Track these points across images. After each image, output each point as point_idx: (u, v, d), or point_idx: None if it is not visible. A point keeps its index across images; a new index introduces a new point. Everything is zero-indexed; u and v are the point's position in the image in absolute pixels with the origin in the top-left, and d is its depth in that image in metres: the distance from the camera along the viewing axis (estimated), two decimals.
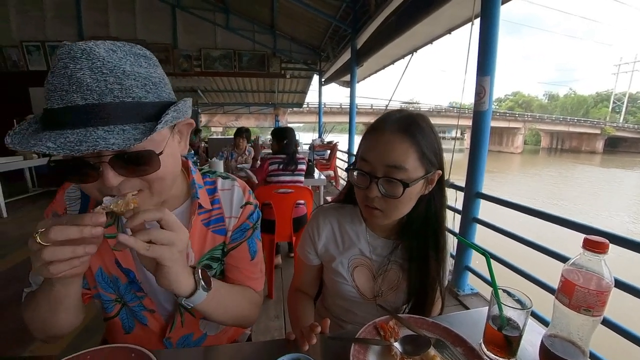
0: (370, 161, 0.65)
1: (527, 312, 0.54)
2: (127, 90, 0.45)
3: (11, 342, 1.69)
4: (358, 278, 0.77)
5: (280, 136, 2.43)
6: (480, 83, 1.96)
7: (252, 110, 16.20)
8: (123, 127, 0.45)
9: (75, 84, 0.42)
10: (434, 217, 0.73)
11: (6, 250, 3.10)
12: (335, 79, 8.34)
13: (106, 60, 0.44)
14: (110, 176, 0.46)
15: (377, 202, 0.65)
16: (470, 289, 2.31)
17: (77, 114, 0.43)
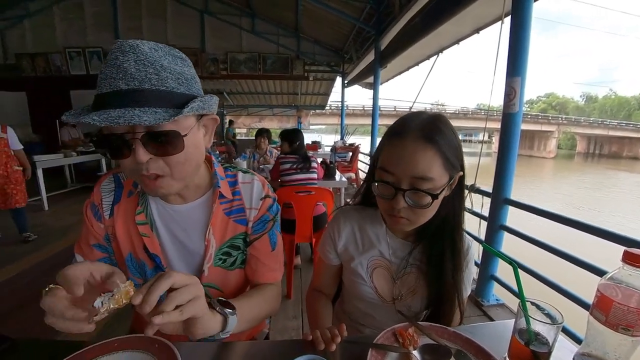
0: (394, 173, 0.62)
1: (558, 327, 0.50)
2: (162, 80, 0.53)
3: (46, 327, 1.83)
4: (377, 279, 0.77)
5: (291, 138, 2.50)
6: (510, 84, 1.87)
7: (275, 112, 16.45)
8: (156, 109, 0.52)
9: (121, 73, 0.51)
10: (451, 218, 0.71)
11: (47, 240, 3.35)
12: (358, 81, 8.29)
13: (148, 55, 0.52)
14: (140, 152, 0.53)
15: (403, 212, 0.64)
16: (495, 300, 2.21)
17: (120, 97, 0.51)
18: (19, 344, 0.61)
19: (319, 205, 2.26)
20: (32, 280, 2.51)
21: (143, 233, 0.69)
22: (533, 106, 71.63)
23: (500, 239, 2.12)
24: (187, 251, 0.73)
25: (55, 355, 0.55)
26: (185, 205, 0.72)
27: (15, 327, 1.90)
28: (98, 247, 0.72)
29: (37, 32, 6.91)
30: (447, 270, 0.71)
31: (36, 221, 3.98)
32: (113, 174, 0.74)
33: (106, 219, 0.71)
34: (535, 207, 1.89)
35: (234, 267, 0.77)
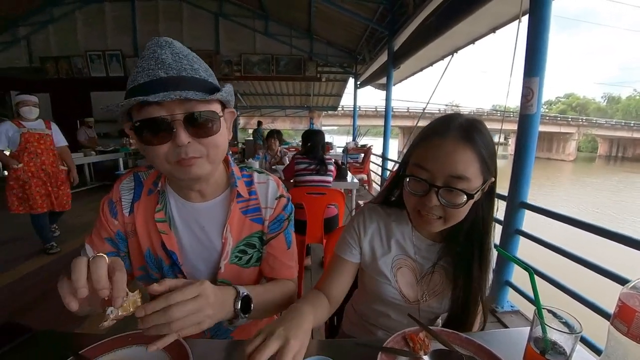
0: (430, 170, 0.61)
1: (576, 336, 0.48)
2: (196, 70, 0.59)
3: (67, 319, 1.89)
4: (401, 279, 0.75)
5: (308, 139, 2.49)
6: (528, 85, 1.82)
7: (288, 113, 16.60)
8: (195, 92, 0.56)
9: (160, 63, 0.55)
10: (480, 224, 0.69)
11: (67, 236, 3.48)
12: (371, 82, 8.26)
13: (182, 49, 0.59)
14: (182, 134, 0.56)
15: (435, 211, 0.63)
16: (510, 306, 2.15)
17: (159, 83, 0.54)
18: (39, 335, 0.64)
19: (331, 208, 2.25)
20: (52, 274, 2.60)
21: (161, 230, 0.71)
22: (552, 107, 69.36)
23: (516, 243, 2.06)
24: (204, 248, 0.75)
25: (73, 346, 0.57)
26: (204, 204, 0.74)
27: (36, 318, 1.98)
28: (109, 241, 0.74)
29: (61, 36, 7.20)
30: (474, 275, 0.69)
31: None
32: (133, 173, 0.77)
33: (125, 216, 0.74)
34: (553, 212, 1.83)
35: (249, 264, 0.79)
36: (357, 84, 8.89)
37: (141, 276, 0.79)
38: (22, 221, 3.98)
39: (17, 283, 2.48)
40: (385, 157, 6.25)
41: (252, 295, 0.64)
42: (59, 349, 0.57)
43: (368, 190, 6.29)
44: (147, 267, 0.76)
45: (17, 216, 4.23)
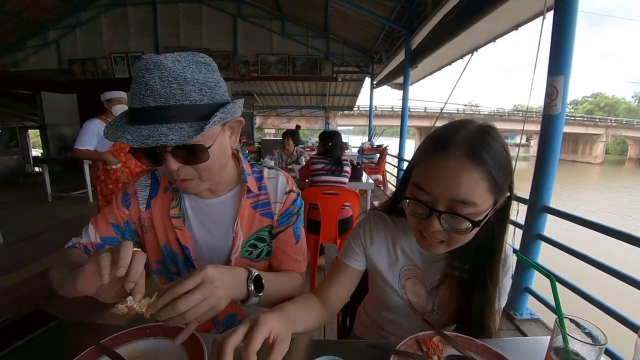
0: (431, 192, 0.55)
1: (600, 348, 0.46)
2: (186, 94, 0.57)
3: (88, 310, 1.98)
4: (410, 291, 0.73)
5: (326, 139, 2.48)
6: (552, 84, 1.75)
7: (304, 112, 16.67)
8: (181, 125, 0.56)
9: (149, 90, 0.55)
10: (490, 242, 0.64)
11: None
12: (388, 82, 8.17)
13: (172, 70, 0.56)
14: (171, 162, 0.60)
15: (437, 235, 0.57)
16: (529, 314, 2.07)
17: (148, 113, 0.56)
18: (64, 324, 0.68)
19: (346, 209, 2.25)
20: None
21: (176, 226, 0.75)
22: (578, 107, 66.16)
23: (537, 249, 1.99)
24: (216, 242, 0.78)
25: (95, 335, 0.60)
26: (215, 200, 0.77)
27: (61, 307, 2.08)
28: (115, 227, 0.77)
29: (87, 39, 7.51)
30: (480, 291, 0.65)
31: (82, 212, 4.34)
32: (151, 171, 0.80)
33: (142, 211, 0.78)
34: (578, 217, 1.75)
35: (259, 258, 0.81)
36: (373, 83, 8.82)
37: (158, 270, 0.82)
38: (52, 214, 4.22)
39: (45, 273, 2.61)
40: (401, 157, 6.16)
41: (264, 279, 0.66)
42: (81, 338, 0.60)
43: (383, 191, 6.23)
44: (164, 261, 0.80)
45: (47, 208, 4.47)
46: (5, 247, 3.11)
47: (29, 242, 3.24)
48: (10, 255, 2.93)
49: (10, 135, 7.52)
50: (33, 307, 0.71)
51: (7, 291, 2.31)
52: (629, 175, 22.90)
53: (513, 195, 0.60)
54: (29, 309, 0.71)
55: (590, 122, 31.47)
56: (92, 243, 0.75)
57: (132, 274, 0.47)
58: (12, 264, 2.72)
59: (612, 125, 32.10)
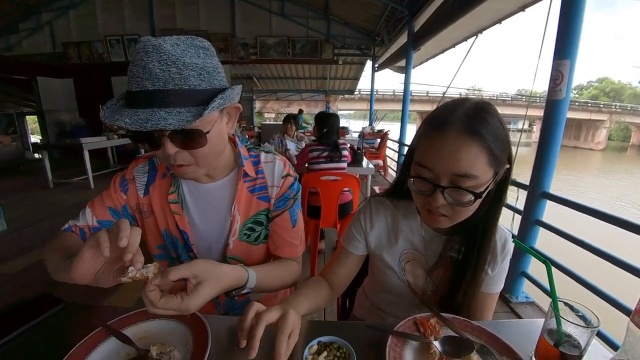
0: (433, 169, 0.57)
1: (592, 331, 0.48)
2: (185, 79, 0.56)
3: (94, 293, 2.03)
4: (409, 273, 0.75)
5: (321, 122, 2.36)
6: (557, 68, 1.71)
7: (304, 96, 16.45)
8: (180, 110, 0.56)
9: (147, 73, 0.54)
10: (489, 214, 0.66)
11: None
12: (389, 65, 8.00)
13: (170, 54, 0.55)
14: (168, 147, 0.60)
15: (442, 209, 0.59)
16: (525, 297, 2.12)
17: (147, 97, 0.55)
18: (70, 307, 0.69)
19: (345, 194, 2.25)
20: None
21: (175, 211, 0.76)
22: (582, 92, 64.94)
23: (535, 234, 2.01)
24: (214, 227, 0.79)
25: (101, 318, 0.62)
26: (212, 184, 0.78)
27: (67, 292, 2.13)
28: (112, 211, 0.77)
29: (81, 21, 7.30)
30: (479, 265, 0.67)
31: (83, 198, 4.37)
32: (149, 158, 0.81)
33: (140, 197, 0.78)
34: (578, 203, 1.75)
35: (257, 242, 0.82)
36: (374, 66, 8.64)
37: (159, 255, 0.84)
38: (54, 200, 4.24)
39: None
40: (402, 142, 6.12)
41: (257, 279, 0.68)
42: (88, 320, 0.62)
43: (383, 176, 6.22)
44: (165, 246, 0.81)
45: (48, 195, 4.49)
46: (9, 234, 3.15)
47: (33, 229, 3.27)
48: (15, 242, 2.98)
49: (8, 121, 7.43)
50: (39, 292, 0.72)
51: (13, 276, 2.35)
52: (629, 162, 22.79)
53: (512, 167, 0.61)
54: (35, 293, 0.72)
55: (594, 108, 30.87)
56: (89, 226, 0.75)
57: (131, 244, 0.48)
58: (17, 250, 2.76)
59: (617, 111, 31.56)
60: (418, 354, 0.56)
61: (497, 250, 0.69)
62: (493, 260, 0.70)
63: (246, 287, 0.65)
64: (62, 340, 0.57)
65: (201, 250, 0.80)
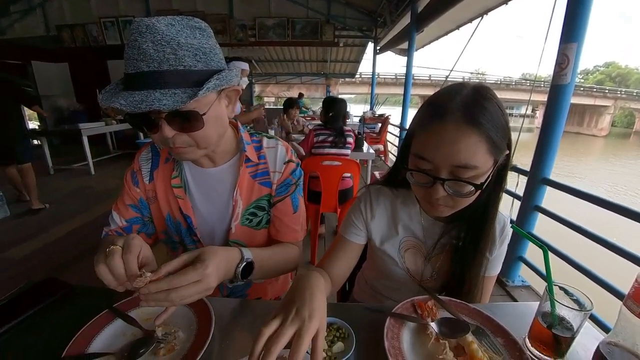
0: (432, 161, 0.55)
1: (585, 314, 0.49)
2: (180, 59, 0.55)
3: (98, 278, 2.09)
4: (409, 260, 0.76)
5: (328, 107, 2.37)
6: (564, 51, 1.67)
7: (304, 80, 16.18)
8: (175, 90, 0.55)
9: (142, 54, 0.54)
10: (490, 200, 0.66)
11: (94, 201, 3.69)
12: (391, 47, 7.82)
13: (165, 34, 0.54)
14: (165, 129, 0.59)
15: (442, 200, 0.58)
16: (521, 281, 2.16)
17: (142, 78, 0.55)
18: (77, 290, 0.71)
19: (346, 180, 2.25)
20: (85, 237, 2.82)
21: (178, 195, 0.76)
22: (588, 77, 63.57)
23: (534, 220, 2.02)
24: (216, 211, 0.79)
25: (106, 301, 0.63)
26: (215, 168, 0.78)
27: (72, 276, 2.18)
28: (133, 207, 0.80)
29: (74, 2, 7.06)
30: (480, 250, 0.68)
31: (84, 184, 4.39)
32: (151, 144, 0.80)
33: (146, 184, 0.79)
34: (578, 190, 1.75)
35: (260, 226, 0.83)
36: (376, 49, 8.45)
37: (164, 239, 0.85)
38: (55, 186, 4.26)
39: (54, 243, 2.70)
40: (403, 127, 6.07)
41: (257, 260, 0.67)
42: (94, 303, 0.63)
43: (384, 161, 6.21)
44: (168, 231, 0.82)
45: (49, 181, 4.51)
46: (12, 220, 3.18)
47: (36, 214, 3.30)
48: (19, 227, 3.01)
49: None
50: (45, 276, 0.74)
51: (18, 262, 2.39)
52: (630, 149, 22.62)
53: (512, 153, 0.60)
54: (41, 277, 0.73)
55: (599, 94, 30.26)
56: (120, 227, 0.79)
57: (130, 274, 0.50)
58: (22, 235, 2.80)
59: (622, 97, 30.95)
60: (415, 335, 0.58)
61: (496, 235, 0.70)
62: (492, 245, 0.70)
63: (244, 258, 0.64)
64: (70, 322, 0.58)
65: (204, 235, 0.80)
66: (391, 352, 0.52)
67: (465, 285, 0.69)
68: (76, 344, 0.54)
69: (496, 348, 0.54)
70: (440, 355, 0.51)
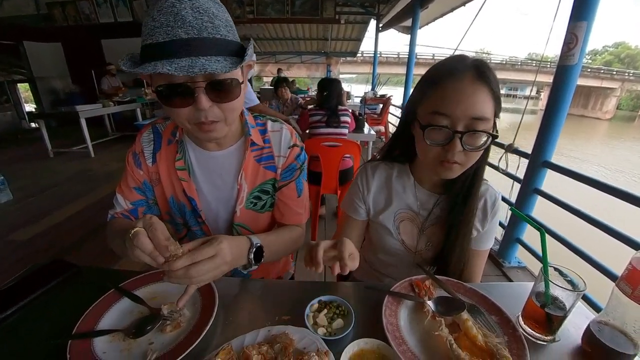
0: (451, 115, 0.59)
1: (578, 294, 0.50)
2: (216, 28, 0.55)
3: (105, 258, 2.12)
4: (404, 232, 0.79)
5: (321, 87, 2.40)
6: (573, 30, 1.62)
7: (304, 59, 15.79)
8: (217, 58, 0.55)
9: (180, 20, 0.52)
10: (476, 172, 0.70)
11: (95, 184, 3.71)
12: (395, 24, 7.55)
13: (201, 2, 0.54)
14: (203, 100, 0.57)
15: (457, 157, 0.61)
16: (517, 262, 2.20)
17: (182, 45, 0.52)
18: (84, 271, 0.73)
19: (346, 160, 2.25)
20: (88, 219, 2.85)
21: (182, 178, 0.76)
22: (596, 57, 61.65)
23: (532, 203, 2.03)
24: (221, 194, 0.80)
25: (113, 280, 0.65)
26: (220, 152, 0.77)
27: (78, 258, 2.22)
28: (137, 190, 0.80)
29: None
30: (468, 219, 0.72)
31: (85, 167, 4.38)
32: (152, 125, 0.79)
33: (149, 166, 0.78)
34: (579, 174, 1.75)
35: (264, 210, 0.84)
36: (379, 26, 8.16)
37: (167, 221, 0.86)
38: (55, 170, 4.26)
39: (58, 226, 2.74)
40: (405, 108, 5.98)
41: (265, 244, 0.69)
42: (101, 283, 0.65)
43: (385, 143, 6.16)
44: (171, 213, 0.83)
45: (50, 164, 4.51)
46: (15, 203, 3.20)
47: (38, 198, 3.32)
48: (22, 211, 3.03)
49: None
50: (51, 259, 0.75)
51: (23, 244, 2.43)
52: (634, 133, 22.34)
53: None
54: (47, 260, 0.75)
55: (607, 75, 29.33)
56: (126, 209, 0.79)
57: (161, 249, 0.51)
58: (25, 218, 2.83)
59: (629, 79, 30.05)
60: (412, 312, 0.60)
61: (487, 208, 0.74)
62: (484, 218, 0.75)
63: (253, 244, 0.65)
64: (78, 302, 0.60)
65: (209, 217, 0.81)
66: (389, 328, 0.54)
67: (454, 254, 0.73)
68: (85, 322, 0.56)
69: (490, 325, 0.56)
70: (436, 331, 0.53)
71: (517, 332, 0.54)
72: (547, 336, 0.54)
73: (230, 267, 0.59)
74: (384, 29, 8.22)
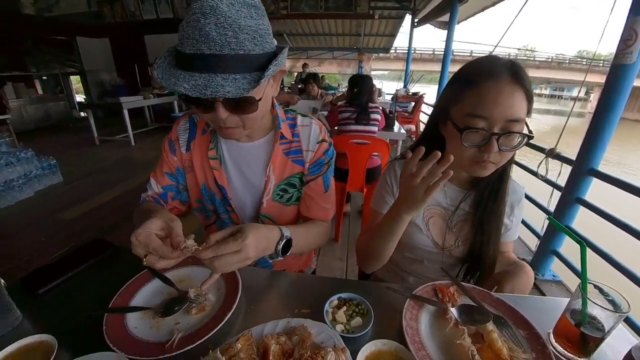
0: (489, 117, 0.59)
1: (620, 316, 0.46)
2: (240, 43, 0.55)
3: None
4: (433, 228, 0.79)
5: (352, 84, 2.38)
6: (632, 25, 1.46)
7: (336, 55, 15.72)
8: (235, 76, 0.56)
9: (203, 36, 0.54)
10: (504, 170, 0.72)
11: (135, 171, 3.97)
12: (431, 19, 7.26)
13: (227, 16, 0.54)
14: (220, 112, 0.61)
15: (492, 157, 0.62)
16: (552, 275, 2.06)
17: (203, 61, 0.55)
18: (121, 250, 0.79)
19: (374, 158, 2.22)
20: (127, 203, 3.07)
21: (213, 167, 0.80)
22: None
23: (574, 213, 1.88)
24: (250, 184, 0.83)
25: None
26: (250, 143, 0.80)
27: (118, 238, 2.40)
28: (169, 175, 0.84)
29: None
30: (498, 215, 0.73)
31: (126, 154, 4.70)
32: (188, 115, 0.84)
33: (183, 153, 0.82)
34: (630, 184, 1.58)
35: (290, 202, 0.86)
36: (414, 21, 7.90)
37: (197, 207, 0.90)
38: (100, 156, 4.61)
39: (100, 208, 2.97)
40: None
41: (293, 237, 0.70)
42: (136, 263, 0.69)
43: (413, 142, 5.98)
44: (202, 200, 0.87)
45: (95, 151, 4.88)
46: (64, 185, 3.52)
47: (84, 181, 3.63)
48: (70, 192, 3.33)
49: (55, 81, 7.92)
50: (93, 237, 0.82)
51: (69, 223, 2.68)
52: None
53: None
54: (90, 238, 0.82)
55: None
56: (156, 192, 0.84)
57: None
58: (73, 199, 3.11)
59: None
60: (434, 318, 0.59)
61: (513, 202, 0.78)
62: (511, 212, 0.78)
63: (283, 236, 0.67)
64: (114, 279, 0.65)
65: (237, 206, 0.84)
66: (408, 332, 0.53)
67: (488, 250, 0.73)
68: (121, 297, 0.61)
69: (517, 339, 0.53)
70: (458, 340, 0.51)
71: (547, 349, 0.51)
72: (580, 357, 0.50)
73: (254, 259, 0.60)
74: (420, 24, 7.93)
